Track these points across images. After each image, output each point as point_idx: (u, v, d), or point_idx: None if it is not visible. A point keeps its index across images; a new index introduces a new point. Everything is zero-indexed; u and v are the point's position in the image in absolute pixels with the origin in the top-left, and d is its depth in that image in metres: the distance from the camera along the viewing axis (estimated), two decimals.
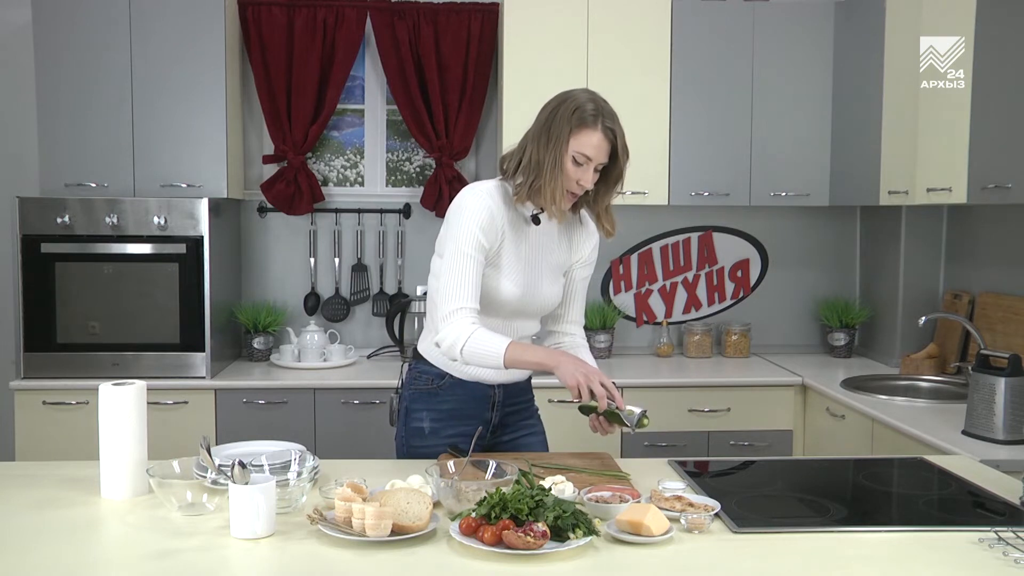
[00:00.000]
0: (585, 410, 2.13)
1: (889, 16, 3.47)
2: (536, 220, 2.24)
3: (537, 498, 1.66)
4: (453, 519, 1.72)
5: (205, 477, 1.87)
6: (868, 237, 4.23)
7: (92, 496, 1.94)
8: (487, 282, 2.18)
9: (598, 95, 2.16)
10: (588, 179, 2.14)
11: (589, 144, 2.11)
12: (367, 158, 4.18)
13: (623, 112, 2.18)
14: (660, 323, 4.25)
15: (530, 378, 2.42)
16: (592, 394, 2.02)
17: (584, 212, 2.33)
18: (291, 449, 2.07)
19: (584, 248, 2.36)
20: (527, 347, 2.15)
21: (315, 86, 3.92)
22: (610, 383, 2.03)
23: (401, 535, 1.66)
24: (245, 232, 4.13)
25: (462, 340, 2.07)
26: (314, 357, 3.85)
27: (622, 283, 4.26)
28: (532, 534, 1.58)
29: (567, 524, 1.64)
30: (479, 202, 2.15)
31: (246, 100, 4.04)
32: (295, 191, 3.99)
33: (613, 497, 1.84)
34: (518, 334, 2.28)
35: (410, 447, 2.32)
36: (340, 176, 4.18)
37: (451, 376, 2.28)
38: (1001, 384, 2.57)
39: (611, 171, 2.18)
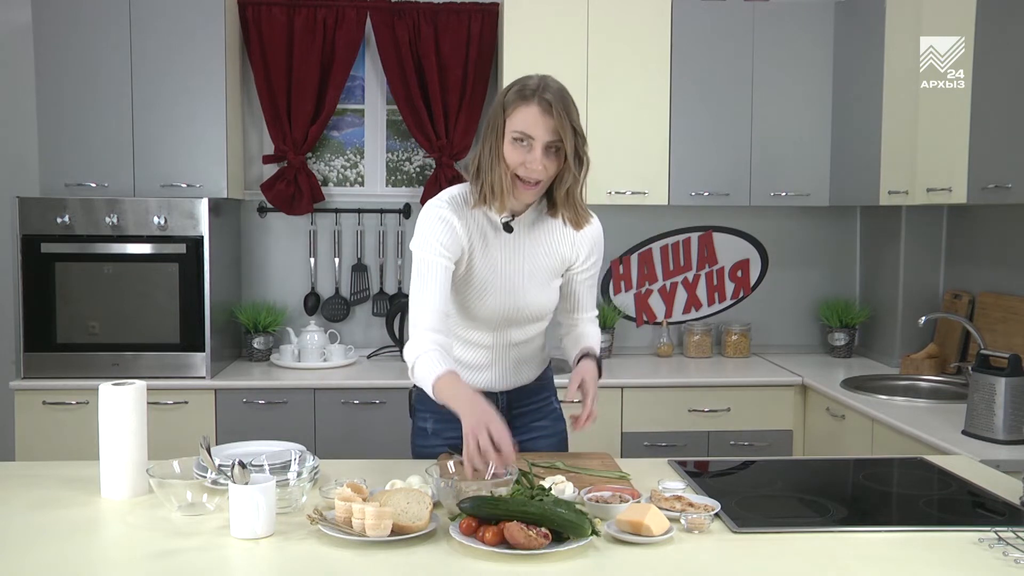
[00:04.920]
0: None
1: (889, 16, 3.47)
2: (508, 228, 2.11)
3: (537, 498, 1.66)
4: (453, 519, 1.72)
5: (205, 477, 1.87)
6: (868, 237, 4.23)
7: (92, 496, 1.94)
8: (465, 299, 2.12)
9: (553, 78, 2.00)
10: (535, 160, 1.96)
11: (523, 120, 1.95)
12: (367, 158, 4.18)
13: (623, 112, 2.16)
14: (660, 323, 4.25)
15: (542, 378, 2.33)
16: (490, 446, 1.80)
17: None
18: (291, 449, 2.07)
19: (577, 252, 2.19)
20: (453, 385, 1.93)
21: (315, 86, 3.92)
22: (503, 438, 1.80)
23: (401, 535, 1.66)
24: (245, 232, 4.13)
25: (410, 362, 2.01)
26: (314, 357, 3.85)
27: (622, 283, 4.26)
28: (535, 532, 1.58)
29: None
30: (437, 216, 2.06)
31: (246, 100, 4.04)
32: (295, 191, 3.99)
33: (613, 497, 1.83)
34: (511, 341, 2.22)
35: (415, 445, 2.31)
36: (340, 176, 4.18)
37: None
38: (1001, 384, 2.57)
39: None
